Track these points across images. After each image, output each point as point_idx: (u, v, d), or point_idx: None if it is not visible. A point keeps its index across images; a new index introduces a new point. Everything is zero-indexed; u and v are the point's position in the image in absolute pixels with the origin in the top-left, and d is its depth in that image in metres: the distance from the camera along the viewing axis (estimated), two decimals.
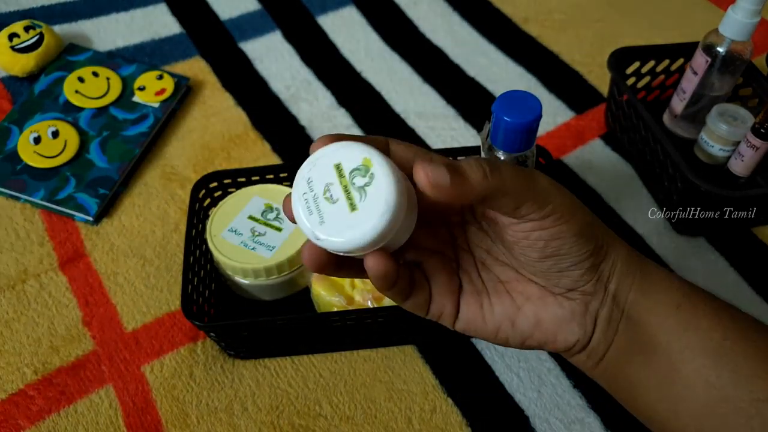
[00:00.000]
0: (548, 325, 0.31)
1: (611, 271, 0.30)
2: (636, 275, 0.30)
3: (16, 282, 0.57)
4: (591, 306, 0.30)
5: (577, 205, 0.29)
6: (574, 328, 0.31)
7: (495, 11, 0.86)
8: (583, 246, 0.28)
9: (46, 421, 0.50)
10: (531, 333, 0.31)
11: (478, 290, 0.32)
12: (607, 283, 0.30)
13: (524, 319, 0.31)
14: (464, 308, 0.31)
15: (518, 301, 0.31)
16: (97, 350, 0.54)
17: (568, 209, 0.28)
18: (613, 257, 0.30)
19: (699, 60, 0.61)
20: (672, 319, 0.29)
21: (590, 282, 0.30)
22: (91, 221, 0.62)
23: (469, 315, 0.31)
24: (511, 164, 0.28)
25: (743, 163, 0.61)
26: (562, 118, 0.73)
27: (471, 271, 0.32)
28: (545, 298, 0.31)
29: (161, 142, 0.69)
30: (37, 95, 0.70)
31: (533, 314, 0.31)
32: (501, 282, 0.32)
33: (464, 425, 0.50)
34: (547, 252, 0.29)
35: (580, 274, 0.29)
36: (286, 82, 0.76)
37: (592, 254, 0.29)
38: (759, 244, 0.62)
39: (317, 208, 0.26)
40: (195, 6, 0.85)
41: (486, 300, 0.31)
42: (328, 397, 0.51)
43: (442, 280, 0.31)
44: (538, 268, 0.30)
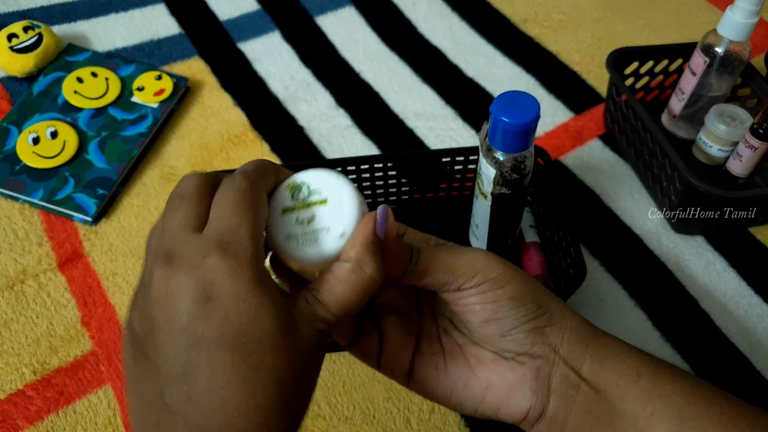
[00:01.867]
0: (500, 389, 0.31)
1: (561, 338, 0.31)
2: (590, 345, 0.31)
3: (14, 282, 0.57)
4: (542, 371, 0.31)
5: (513, 274, 0.30)
6: (526, 393, 0.31)
7: (494, 12, 0.86)
8: (521, 309, 0.30)
9: (44, 422, 0.50)
10: (483, 396, 0.32)
11: (435, 352, 0.33)
12: (557, 349, 0.30)
13: (477, 381, 0.32)
14: (418, 368, 0.33)
15: (472, 363, 0.32)
16: (96, 350, 0.54)
17: (502, 276, 0.30)
18: (562, 324, 0.31)
19: (697, 60, 0.61)
20: (634, 387, 0.30)
21: (537, 345, 0.30)
22: (90, 221, 0.62)
23: (422, 375, 0.33)
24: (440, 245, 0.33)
25: (742, 163, 0.61)
26: (561, 119, 0.73)
27: (432, 334, 0.34)
28: (497, 362, 0.32)
29: (160, 142, 0.69)
30: (36, 95, 0.70)
31: (485, 377, 0.32)
32: (458, 346, 0.33)
33: (462, 425, 0.50)
34: (485, 317, 0.30)
35: (524, 336, 0.30)
36: (285, 83, 0.76)
37: (531, 318, 0.30)
38: (758, 244, 0.62)
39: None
40: (194, 6, 0.85)
41: (441, 362, 0.33)
42: (327, 398, 0.51)
43: (395, 338, 0.33)
44: (483, 333, 0.31)
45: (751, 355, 0.54)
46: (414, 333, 0.34)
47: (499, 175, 0.47)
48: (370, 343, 0.33)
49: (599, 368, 0.30)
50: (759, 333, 0.56)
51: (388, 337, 0.33)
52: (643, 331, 0.56)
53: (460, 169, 0.59)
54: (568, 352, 0.30)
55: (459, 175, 0.60)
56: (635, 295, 0.58)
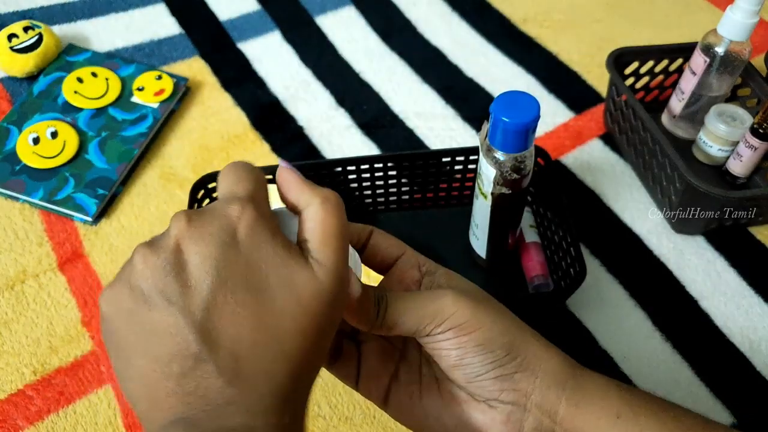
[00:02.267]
0: (469, 429, 0.32)
1: (533, 383, 0.30)
2: (566, 387, 0.30)
3: (15, 282, 0.57)
4: (513, 416, 0.31)
5: (483, 318, 0.30)
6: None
7: (494, 12, 0.86)
8: (487, 356, 0.30)
9: (45, 422, 0.50)
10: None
11: (413, 382, 0.34)
12: (528, 395, 0.30)
13: (448, 417, 0.32)
14: (394, 394, 0.33)
15: (446, 399, 0.32)
16: (96, 350, 0.54)
17: (469, 323, 0.30)
18: (534, 369, 0.30)
19: (697, 60, 0.61)
20: (613, 429, 0.29)
21: (506, 392, 0.30)
22: (90, 221, 0.62)
23: (397, 402, 0.33)
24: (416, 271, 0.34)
25: (742, 163, 0.61)
26: (561, 119, 0.73)
27: (413, 363, 0.34)
28: (470, 402, 0.32)
29: (160, 142, 0.69)
30: (36, 96, 0.70)
31: (456, 415, 0.32)
32: (436, 379, 0.33)
33: None
34: (451, 362, 0.30)
35: (491, 383, 0.30)
36: (285, 83, 0.76)
37: (498, 365, 0.30)
38: (758, 244, 0.62)
39: None
40: (194, 6, 0.85)
41: (417, 392, 0.33)
42: (327, 398, 0.51)
43: (374, 364, 0.34)
44: (452, 376, 0.31)
45: (751, 355, 0.54)
46: (395, 360, 0.34)
47: (499, 175, 0.47)
48: (349, 364, 0.34)
49: (576, 411, 0.30)
50: (759, 333, 0.56)
51: (367, 362, 0.34)
52: (644, 331, 0.56)
53: (460, 169, 0.59)
54: (541, 397, 0.30)
55: (459, 175, 0.60)
56: (635, 295, 0.58)
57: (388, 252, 0.34)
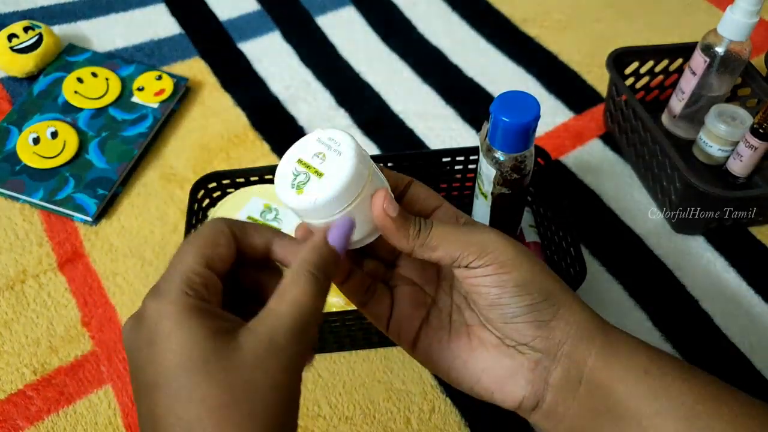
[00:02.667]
0: (495, 374, 0.32)
1: (566, 333, 0.30)
2: (596, 340, 0.30)
3: (15, 282, 0.57)
4: (541, 364, 0.31)
5: (523, 260, 0.30)
6: (520, 382, 0.31)
7: (494, 12, 0.86)
8: (524, 298, 0.30)
9: (45, 422, 0.50)
10: (479, 378, 0.32)
11: (442, 327, 0.34)
12: (560, 344, 0.30)
13: (475, 362, 0.32)
14: (423, 338, 0.34)
15: (474, 344, 0.33)
16: (96, 350, 0.54)
17: (511, 261, 0.30)
18: (568, 319, 0.30)
19: (697, 60, 0.61)
20: (641, 385, 0.29)
21: (539, 338, 0.30)
22: (90, 222, 0.62)
23: (426, 346, 0.34)
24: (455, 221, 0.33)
25: (742, 163, 0.61)
26: (561, 119, 0.73)
27: (444, 309, 0.34)
28: (499, 348, 0.32)
29: (160, 142, 0.69)
30: (36, 96, 0.70)
31: (483, 360, 0.32)
32: (466, 325, 0.34)
33: (463, 425, 0.50)
34: (489, 300, 0.30)
35: (525, 327, 0.30)
36: (286, 83, 0.76)
37: (534, 309, 0.30)
38: (758, 244, 0.62)
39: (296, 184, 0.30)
40: (194, 6, 0.85)
41: (446, 336, 0.34)
42: (327, 398, 0.51)
43: (406, 307, 0.34)
44: (487, 316, 0.32)
45: (751, 355, 0.54)
46: (426, 305, 0.35)
47: (499, 175, 0.47)
48: (381, 306, 0.34)
49: (604, 364, 0.30)
50: (759, 333, 0.56)
51: (399, 305, 0.34)
52: (643, 331, 0.56)
53: (460, 169, 0.59)
54: (572, 348, 0.30)
55: (459, 175, 0.60)
56: (635, 295, 0.58)
57: (426, 203, 0.34)
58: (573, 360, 0.30)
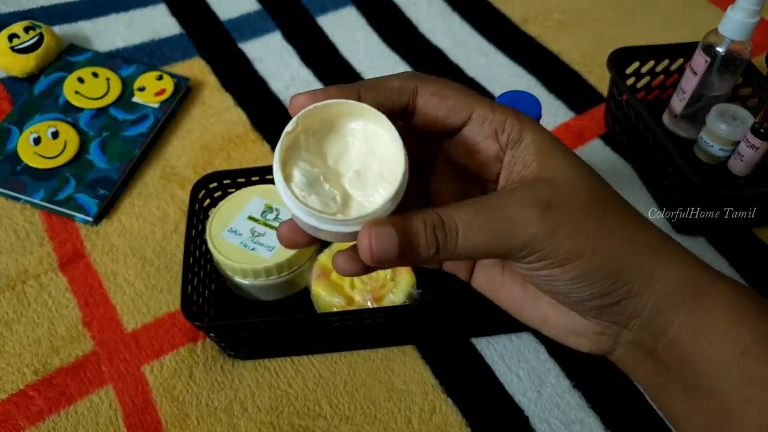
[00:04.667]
0: (556, 329, 0.28)
1: (641, 308, 0.25)
2: (683, 309, 0.25)
3: (16, 282, 0.58)
4: (609, 329, 0.26)
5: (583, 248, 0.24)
6: (583, 342, 0.27)
7: (494, 11, 0.86)
8: (585, 288, 0.24)
9: (46, 422, 0.50)
10: (540, 326, 0.29)
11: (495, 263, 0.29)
12: (633, 317, 0.25)
13: (531, 312, 0.28)
14: (477, 272, 0.30)
15: (529, 295, 0.28)
16: (97, 351, 0.54)
17: (565, 257, 0.24)
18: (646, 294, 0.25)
19: (698, 60, 0.61)
20: (734, 368, 0.24)
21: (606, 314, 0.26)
22: (91, 222, 0.62)
23: (479, 281, 0.30)
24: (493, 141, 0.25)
25: (743, 162, 0.61)
26: (562, 118, 0.73)
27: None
28: (558, 308, 0.27)
29: (161, 142, 0.69)
30: (36, 96, 0.70)
31: (541, 313, 0.28)
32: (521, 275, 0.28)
33: (464, 425, 0.50)
34: (541, 287, 0.26)
35: (588, 309, 0.26)
36: (286, 83, 0.76)
37: (600, 294, 0.25)
38: (759, 243, 0.62)
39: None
40: (195, 6, 0.85)
41: (498, 278, 0.29)
42: (328, 398, 0.51)
43: None
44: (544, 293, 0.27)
45: None
46: None
47: None
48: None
49: (690, 337, 0.24)
50: None
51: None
52: None
53: None
54: (649, 321, 0.25)
55: None
56: None
57: (447, 119, 0.26)
58: (648, 331, 0.25)
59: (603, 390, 0.52)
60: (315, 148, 0.25)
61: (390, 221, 0.23)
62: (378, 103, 0.25)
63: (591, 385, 0.52)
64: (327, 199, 0.23)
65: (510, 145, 0.25)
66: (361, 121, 0.25)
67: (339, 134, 0.25)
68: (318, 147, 0.25)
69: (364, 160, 0.24)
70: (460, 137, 0.26)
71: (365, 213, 0.22)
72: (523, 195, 0.24)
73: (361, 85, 0.26)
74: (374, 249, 0.22)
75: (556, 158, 0.25)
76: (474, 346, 0.54)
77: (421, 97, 0.26)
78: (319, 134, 0.25)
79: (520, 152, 0.25)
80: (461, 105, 0.26)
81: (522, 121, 0.25)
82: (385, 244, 0.22)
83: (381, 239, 0.22)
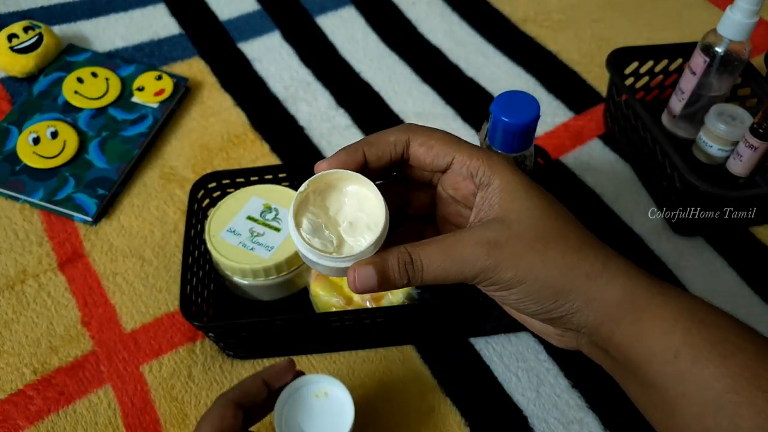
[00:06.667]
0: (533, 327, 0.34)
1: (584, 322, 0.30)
2: (623, 321, 0.29)
3: (15, 282, 0.58)
4: (567, 334, 0.32)
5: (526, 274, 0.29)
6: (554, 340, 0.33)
7: (494, 11, 0.86)
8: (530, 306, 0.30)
9: (45, 422, 0.50)
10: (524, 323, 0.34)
11: None
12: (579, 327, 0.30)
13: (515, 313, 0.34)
14: None
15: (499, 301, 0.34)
16: (96, 350, 0.54)
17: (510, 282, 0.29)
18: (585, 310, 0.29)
19: (697, 60, 0.61)
20: (668, 367, 0.28)
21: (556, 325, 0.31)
22: (90, 221, 0.62)
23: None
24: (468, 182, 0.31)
25: (742, 163, 0.61)
26: (561, 119, 0.73)
27: None
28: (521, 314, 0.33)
29: (160, 142, 0.69)
30: (36, 96, 0.70)
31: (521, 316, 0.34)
32: None
33: (463, 425, 0.50)
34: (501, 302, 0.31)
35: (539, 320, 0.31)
36: (285, 83, 0.76)
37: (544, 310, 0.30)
38: (758, 244, 0.62)
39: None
40: (194, 6, 0.85)
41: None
42: None
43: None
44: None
45: None
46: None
47: None
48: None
49: (632, 343, 0.29)
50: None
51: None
52: None
53: None
54: (594, 330, 0.30)
55: None
56: None
57: (433, 164, 0.32)
58: (597, 337, 0.30)
59: (602, 390, 0.52)
60: (320, 204, 0.32)
61: (371, 261, 0.30)
62: (378, 157, 0.32)
63: (590, 384, 0.52)
64: (326, 241, 0.31)
65: (481, 187, 0.31)
66: (356, 186, 0.32)
67: (338, 194, 0.32)
68: (322, 203, 0.32)
69: (356, 214, 0.31)
70: (447, 176, 0.33)
71: (353, 253, 0.30)
72: (479, 234, 0.30)
73: (364, 144, 0.32)
74: (357, 284, 0.29)
75: (516, 201, 0.30)
76: (473, 346, 0.54)
77: (412, 148, 0.33)
78: (324, 193, 0.32)
79: (488, 194, 0.31)
80: (443, 153, 0.32)
81: (493, 167, 0.31)
82: (365, 279, 0.29)
83: (362, 276, 0.29)
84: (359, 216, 0.31)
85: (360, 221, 0.31)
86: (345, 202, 0.32)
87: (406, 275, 0.30)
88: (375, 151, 0.32)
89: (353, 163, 0.32)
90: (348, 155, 0.32)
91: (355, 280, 0.29)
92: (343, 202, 0.32)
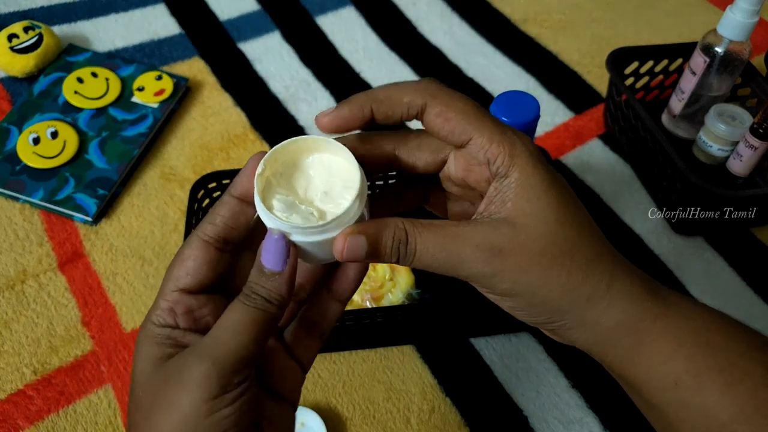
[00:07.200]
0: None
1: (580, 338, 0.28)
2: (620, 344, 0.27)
3: (15, 282, 0.58)
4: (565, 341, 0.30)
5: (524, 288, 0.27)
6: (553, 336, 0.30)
7: (494, 11, 0.86)
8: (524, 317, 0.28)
9: (45, 422, 0.50)
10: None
11: None
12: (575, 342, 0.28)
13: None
14: None
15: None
16: (96, 350, 0.54)
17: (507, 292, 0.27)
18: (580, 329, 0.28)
19: (697, 60, 0.61)
20: (669, 394, 0.27)
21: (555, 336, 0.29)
22: (90, 221, 0.62)
23: None
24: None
25: (742, 163, 0.61)
26: (561, 118, 0.73)
27: None
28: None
29: (160, 142, 0.69)
30: (36, 96, 0.70)
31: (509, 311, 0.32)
32: None
33: (463, 425, 0.50)
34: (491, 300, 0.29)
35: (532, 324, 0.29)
36: (285, 83, 0.76)
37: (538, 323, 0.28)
38: (758, 243, 0.62)
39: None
40: (194, 6, 0.85)
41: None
42: (327, 398, 0.51)
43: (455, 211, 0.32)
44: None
45: None
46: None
47: None
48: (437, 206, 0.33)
49: (629, 366, 0.27)
50: None
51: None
52: None
53: None
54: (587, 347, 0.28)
55: None
56: None
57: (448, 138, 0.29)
58: (590, 352, 0.28)
59: (601, 390, 0.52)
60: (286, 185, 0.28)
61: (364, 231, 0.26)
62: (387, 116, 0.29)
63: (589, 384, 0.52)
64: (306, 215, 0.27)
65: (497, 177, 0.28)
66: (316, 154, 0.29)
67: (301, 170, 0.29)
68: (288, 184, 0.28)
69: (327, 181, 0.28)
70: (462, 153, 0.29)
71: (339, 213, 0.26)
72: (482, 236, 0.27)
73: (372, 100, 0.29)
74: (345, 253, 0.26)
75: (531, 201, 0.27)
76: (473, 345, 0.54)
77: (427, 116, 0.29)
78: (286, 175, 0.29)
79: (503, 187, 0.27)
80: (460, 130, 0.28)
81: (514, 157, 0.27)
82: (355, 249, 0.26)
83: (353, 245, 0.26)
84: (332, 181, 0.28)
85: (334, 186, 0.28)
86: (311, 176, 0.29)
87: (396, 254, 0.27)
88: (384, 109, 0.29)
89: (358, 120, 0.28)
90: (352, 111, 0.28)
91: (344, 249, 0.26)
92: (310, 176, 0.29)
